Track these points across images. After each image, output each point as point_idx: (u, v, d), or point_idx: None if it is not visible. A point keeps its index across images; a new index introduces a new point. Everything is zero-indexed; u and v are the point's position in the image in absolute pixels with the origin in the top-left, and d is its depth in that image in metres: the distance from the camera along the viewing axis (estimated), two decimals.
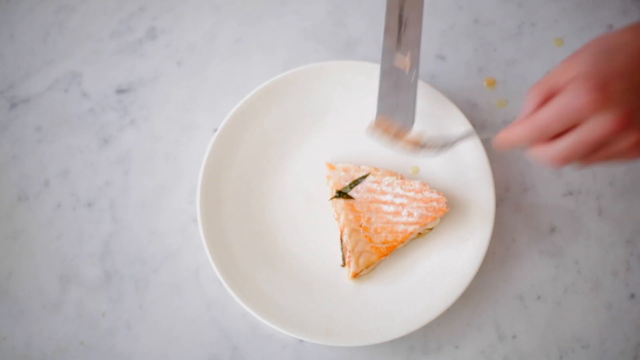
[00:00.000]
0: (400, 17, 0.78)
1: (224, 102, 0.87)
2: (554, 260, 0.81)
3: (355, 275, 0.77)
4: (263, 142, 0.83)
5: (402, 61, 0.77)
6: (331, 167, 0.81)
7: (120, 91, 0.88)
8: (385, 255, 0.77)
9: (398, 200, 0.78)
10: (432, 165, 0.82)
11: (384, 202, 0.79)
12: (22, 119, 0.86)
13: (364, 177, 0.80)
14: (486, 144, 0.85)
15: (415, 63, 0.78)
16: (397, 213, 0.78)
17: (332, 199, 0.80)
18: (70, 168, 0.85)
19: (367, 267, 0.77)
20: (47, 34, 0.90)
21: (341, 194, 0.79)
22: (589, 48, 0.60)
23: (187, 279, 0.80)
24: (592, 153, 0.60)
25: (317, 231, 0.81)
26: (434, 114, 0.83)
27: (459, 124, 0.82)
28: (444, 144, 0.75)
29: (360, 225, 0.78)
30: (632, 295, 0.80)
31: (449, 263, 0.78)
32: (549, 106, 0.59)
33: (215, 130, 0.86)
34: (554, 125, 0.59)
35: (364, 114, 0.84)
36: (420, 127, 0.83)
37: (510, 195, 0.84)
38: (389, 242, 0.77)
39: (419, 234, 0.79)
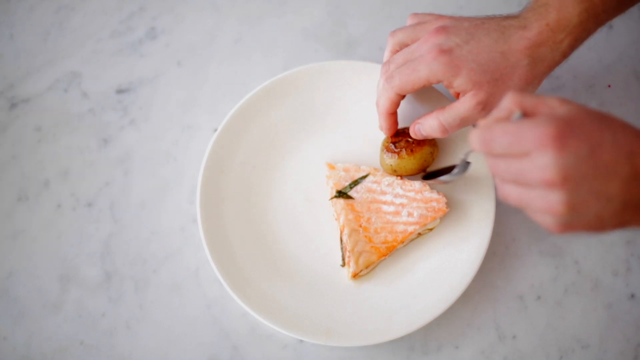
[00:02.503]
0: None
1: (224, 102, 0.87)
2: (554, 260, 0.81)
3: (355, 275, 0.77)
4: (263, 142, 0.83)
5: None
6: (331, 167, 0.81)
7: (120, 91, 0.88)
8: (385, 255, 0.77)
9: (398, 201, 0.78)
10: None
11: (384, 202, 0.79)
12: (22, 119, 0.86)
13: (364, 177, 0.80)
14: None
15: None
16: (397, 213, 0.78)
17: (332, 199, 0.80)
18: (70, 168, 0.85)
19: (366, 267, 0.77)
20: (47, 34, 0.90)
21: (341, 194, 0.79)
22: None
23: (187, 279, 0.80)
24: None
25: (317, 231, 0.81)
26: None
27: None
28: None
29: (360, 225, 0.78)
30: (632, 295, 0.80)
31: (449, 263, 0.78)
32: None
33: (215, 130, 0.86)
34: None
35: (364, 114, 0.84)
36: None
37: None
38: (388, 242, 0.77)
39: (419, 234, 0.79)
